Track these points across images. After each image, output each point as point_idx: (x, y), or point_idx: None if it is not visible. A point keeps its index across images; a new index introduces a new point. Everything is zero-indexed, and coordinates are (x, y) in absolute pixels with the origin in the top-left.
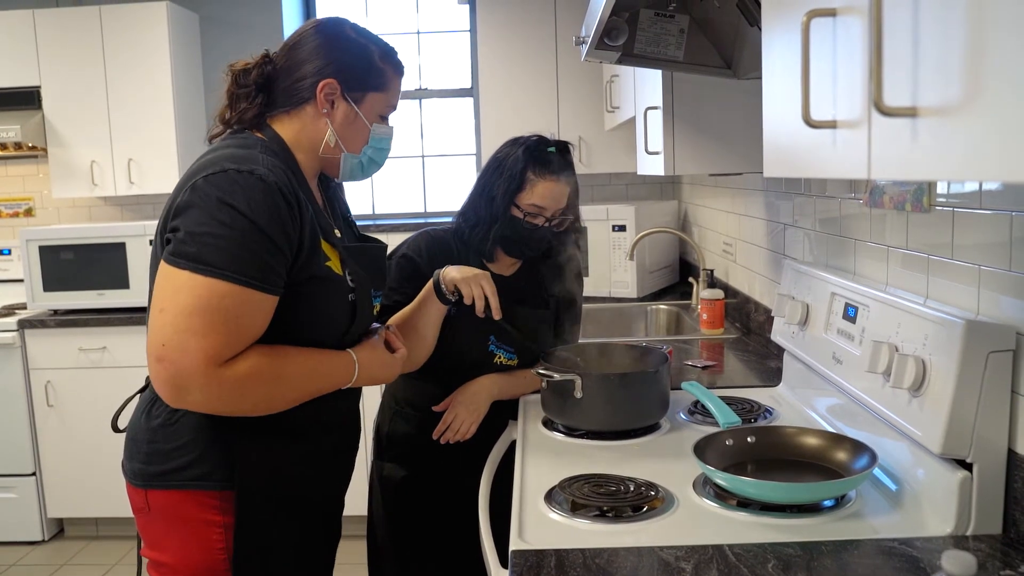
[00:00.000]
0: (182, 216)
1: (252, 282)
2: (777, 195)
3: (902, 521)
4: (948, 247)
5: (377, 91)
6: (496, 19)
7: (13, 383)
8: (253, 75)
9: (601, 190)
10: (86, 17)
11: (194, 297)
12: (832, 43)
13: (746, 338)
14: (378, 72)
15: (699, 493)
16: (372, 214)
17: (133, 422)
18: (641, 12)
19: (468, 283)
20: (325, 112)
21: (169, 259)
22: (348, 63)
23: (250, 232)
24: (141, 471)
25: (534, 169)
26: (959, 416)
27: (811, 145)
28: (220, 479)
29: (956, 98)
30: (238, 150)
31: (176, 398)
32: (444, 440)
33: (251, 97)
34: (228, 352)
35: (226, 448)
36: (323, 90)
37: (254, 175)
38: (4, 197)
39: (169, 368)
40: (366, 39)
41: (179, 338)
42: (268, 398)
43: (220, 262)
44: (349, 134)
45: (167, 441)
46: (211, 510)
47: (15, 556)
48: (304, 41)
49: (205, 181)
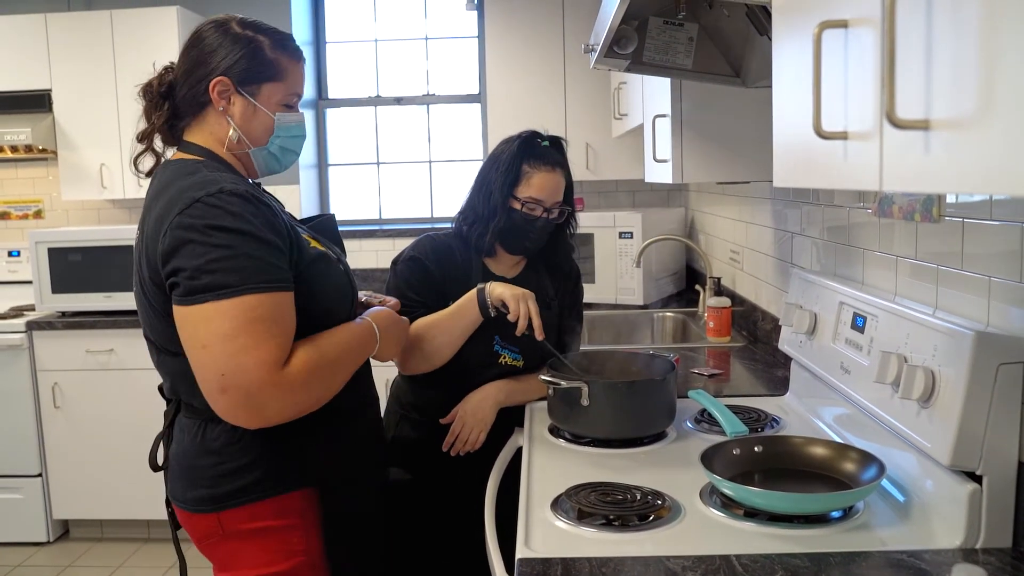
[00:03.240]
0: (176, 258)
1: (270, 285)
2: (785, 203)
3: (911, 533)
4: (958, 257)
5: (273, 81)
6: (504, 25)
7: (20, 384)
8: (155, 85)
9: (608, 197)
10: (97, 21)
11: (229, 320)
12: (843, 54)
13: (753, 346)
14: (269, 63)
15: (706, 502)
16: (378, 219)
17: (182, 452)
18: (650, 20)
19: (517, 300)
20: (223, 110)
21: (186, 300)
22: (236, 58)
23: (247, 242)
24: (209, 496)
25: (529, 162)
26: (969, 428)
27: (822, 156)
28: (296, 480)
29: (969, 112)
30: (188, 178)
31: (255, 418)
32: (454, 452)
33: (157, 106)
34: (282, 355)
35: (294, 449)
36: (215, 88)
37: (223, 192)
38: (14, 199)
39: (237, 393)
40: (254, 31)
41: (234, 362)
42: (329, 384)
43: (236, 280)
44: (251, 128)
45: (236, 458)
46: (290, 514)
47: (20, 557)
48: (192, 45)
49: (182, 217)
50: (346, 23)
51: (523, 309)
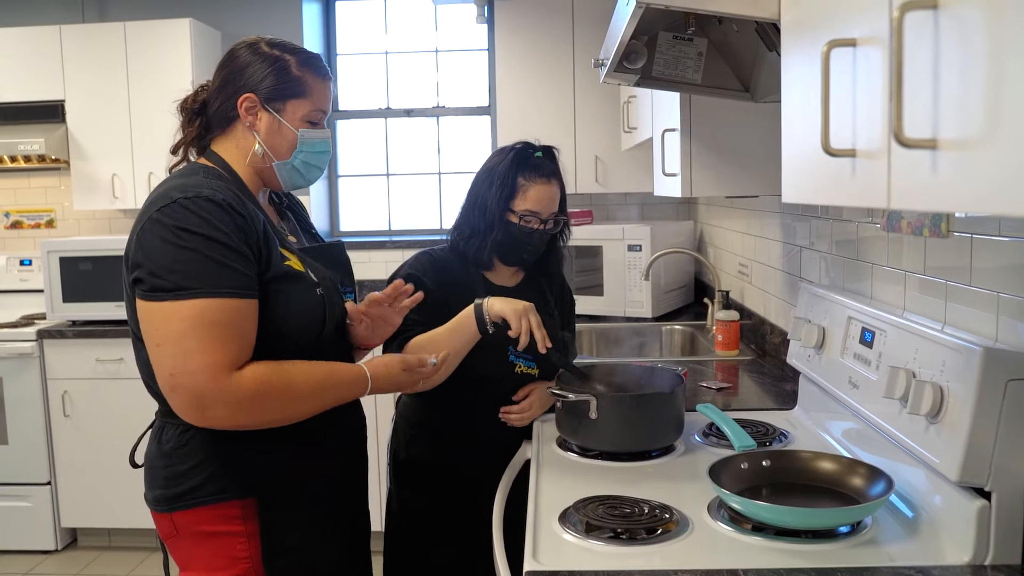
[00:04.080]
0: (143, 253)
1: (230, 291)
2: (793, 217)
3: (919, 549)
4: (966, 273)
5: (298, 98)
6: (514, 38)
7: (31, 392)
8: (190, 102)
9: (617, 210)
10: (111, 33)
11: (182, 321)
12: (852, 73)
13: (761, 360)
14: (296, 80)
15: (713, 516)
16: (388, 230)
17: (148, 453)
18: (660, 35)
19: (518, 316)
20: (249, 125)
21: (147, 296)
22: (263, 76)
23: (212, 247)
24: (163, 496)
25: (524, 174)
26: (977, 444)
27: (830, 173)
28: (238, 490)
29: (976, 132)
30: (184, 179)
31: (201, 418)
32: (510, 421)
33: (191, 122)
34: (229, 361)
35: (239, 459)
36: (243, 104)
37: (201, 197)
38: (26, 208)
39: (185, 394)
40: (281, 50)
41: (183, 362)
42: (285, 409)
43: (194, 283)
44: (275, 142)
45: (182, 462)
46: (232, 521)
47: (29, 565)
48: (226, 64)
49: (159, 214)
50: (357, 35)
51: (524, 324)
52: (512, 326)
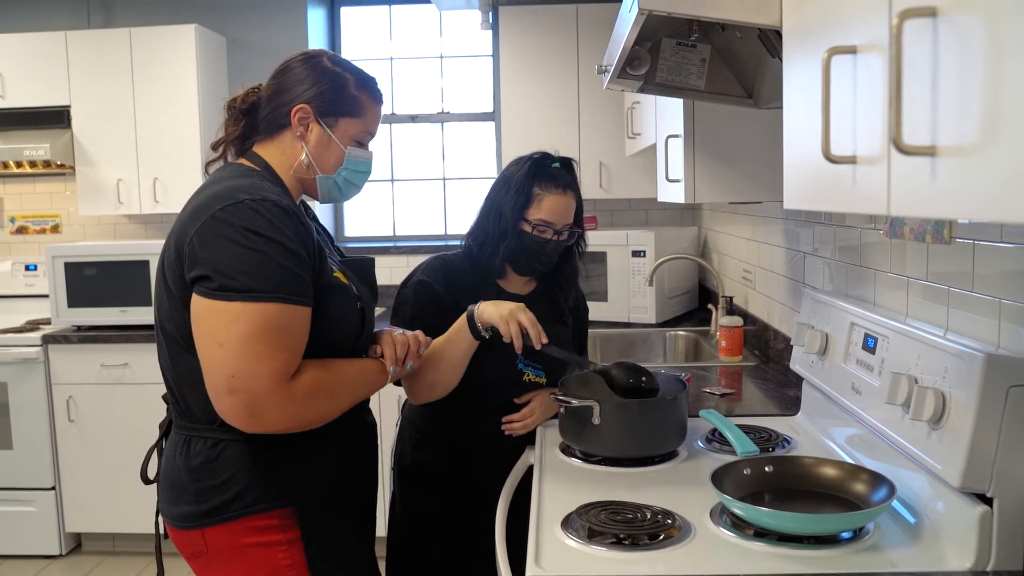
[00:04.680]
0: (210, 251)
1: (297, 299)
2: (797, 223)
3: (921, 555)
4: (969, 279)
5: (351, 117)
6: (518, 44)
7: (35, 398)
8: (239, 101)
9: (621, 215)
10: (116, 38)
11: (252, 324)
12: (852, 80)
13: (765, 366)
14: (352, 99)
15: (716, 522)
16: (392, 235)
17: (168, 468)
18: (663, 41)
19: (505, 321)
20: (299, 135)
21: (215, 294)
22: (322, 90)
23: (282, 253)
24: (192, 512)
25: (540, 184)
26: (979, 450)
27: (831, 179)
28: (274, 498)
29: (974, 139)
30: (241, 180)
31: (252, 423)
32: (510, 431)
33: (236, 121)
34: (291, 369)
35: (275, 468)
36: (297, 114)
37: (268, 201)
38: (32, 214)
39: (243, 396)
40: (342, 68)
41: (248, 365)
42: (329, 407)
43: (267, 287)
44: (323, 156)
45: (215, 476)
46: (271, 531)
47: (33, 570)
48: (283, 72)
49: (224, 213)
50: (362, 41)
51: (513, 328)
52: (501, 331)
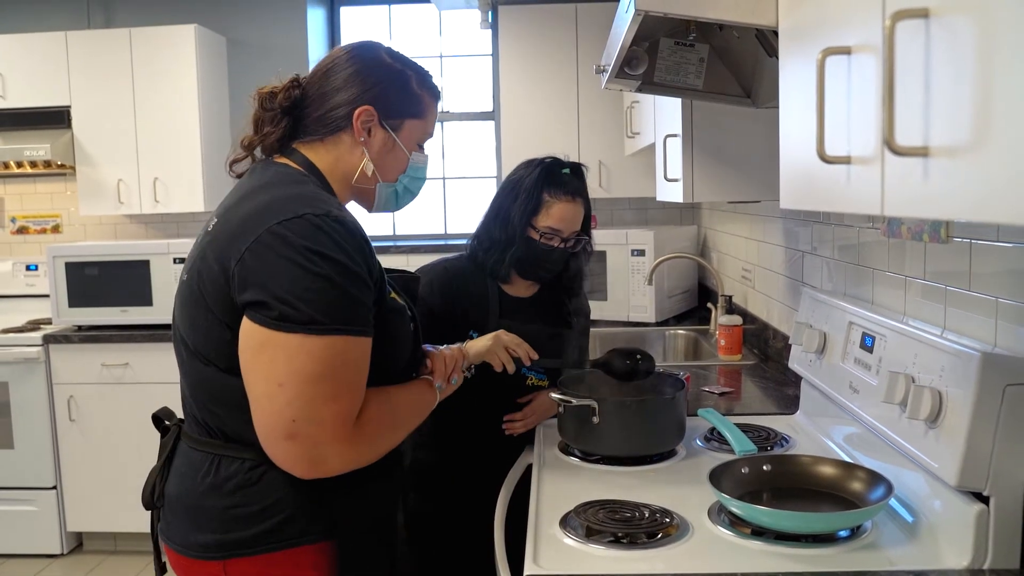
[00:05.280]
0: (268, 273)
1: (361, 329)
2: (796, 222)
3: (918, 553)
4: (966, 278)
5: (415, 118)
6: (518, 44)
7: (37, 397)
8: (279, 98)
9: (620, 214)
10: (116, 39)
11: (315, 361)
12: (847, 80)
13: (764, 365)
14: (416, 98)
15: (714, 521)
16: (392, 235)
17: (184, 491)
18: (661, 41)
19: (492, 354)
20: (362, 140)
21: (274, 324)
22: (385, 89)
23: (347, 277)
24: (218, 542)
25: (550, 191)
26: (976, 449)
27: (826, 180)
28: (319, 532)
29: (966, 139)
30: (295, 187)
31: (312, 471)
32: (511, 431)
33: (275, 121)
34: (357, 409)
35: (321, 497)
36: (360, 117)
37: (331, 217)
38: (32, 214)
39: (305, 443)
40: (403, 64)
41: (310, 409)
42: (391, 443)
43: (331, 317)
44: (386, 163)
45: (253, 502)
46: (305, 568)
47: (34, 569)
48: (338, 67)
49: (283, 229)
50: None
51: (502, 355)
52: (492, 363)
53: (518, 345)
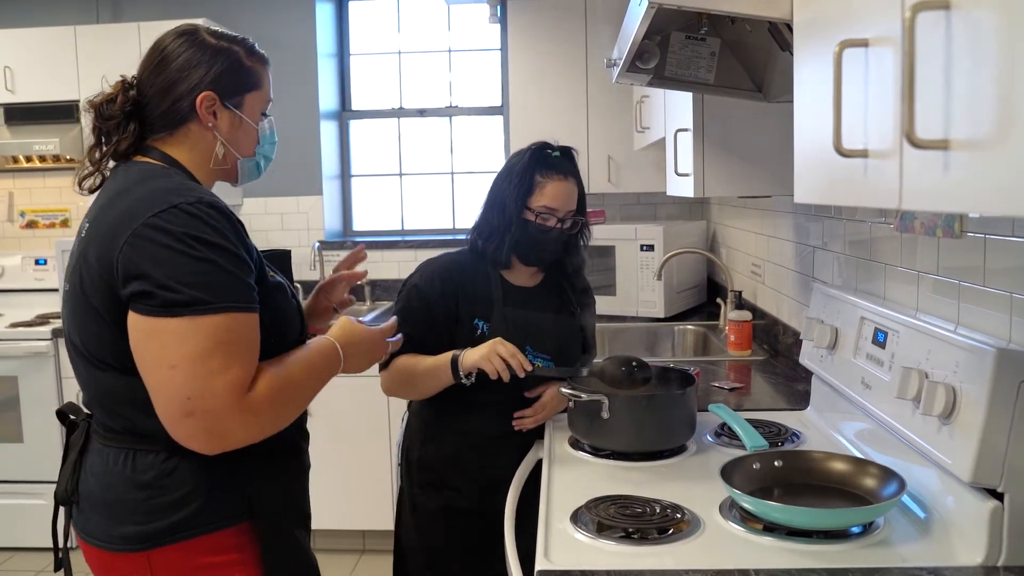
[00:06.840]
0: (148, 263)
1: (246, 306)
2: (806, 217)
3: (931, 550)
4: (980, 273)
5: (254, 90)
6: (527, 38)
7: (45, 391)
8: (118, 104)
9: (630, 209)
10: (125, 33)
11: (203, 339)
12: (864, 73)
13: (774, 360)
14: (249, 72)
15: (725, 516)
16: (401, 230)
17: (102, 486)
18: (672, 35)
19: (488, 361)
20: (211, 126)
21: (159, 311)
22: (220, 71)
23: (225, 257)
24: (140, 533)
25: (541, 171)
26: (990, 445)
27: (842, 173)
28: (236, 514)
29: (988, 133)
30: (163, 180)
31: (215, 445)
32: (520, 426)
33: (122, 128)
34: (249, 379)
35: (233, 482)
36: (203, 104)
37: (203, 203)
38: (41, 208)
39: (204, 418)
40: (229, 41)
41: (204, 384)
42: (294, 406)
43: (214, 296)
44: (239, 140)
45: (170, 491)
46: (228, 550)
47: (43, 562)
48: (168, 59)
49: (159, 220)
50: (370, 35)
51: (498, 364)
52: (487, 371)
53: (512, 356)
